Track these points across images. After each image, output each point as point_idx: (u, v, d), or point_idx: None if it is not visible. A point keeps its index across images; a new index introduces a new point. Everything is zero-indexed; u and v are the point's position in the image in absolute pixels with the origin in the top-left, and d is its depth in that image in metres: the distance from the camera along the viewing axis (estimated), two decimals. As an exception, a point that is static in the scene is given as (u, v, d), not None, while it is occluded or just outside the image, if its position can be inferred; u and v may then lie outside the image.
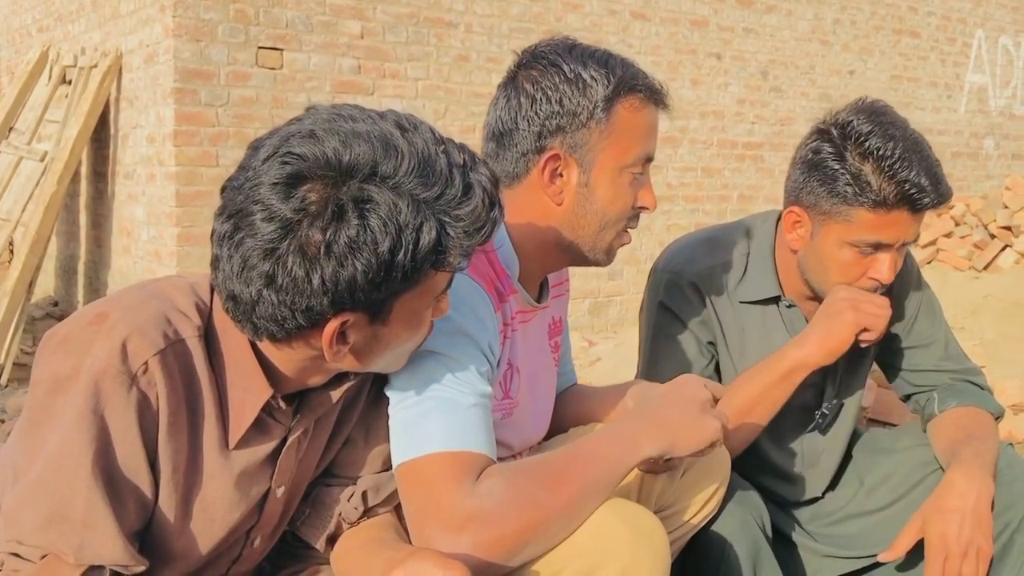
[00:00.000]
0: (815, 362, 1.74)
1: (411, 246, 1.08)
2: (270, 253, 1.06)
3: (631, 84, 1.46)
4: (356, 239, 1.05)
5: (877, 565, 1.88)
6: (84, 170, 5.83)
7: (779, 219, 1.88)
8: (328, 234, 1.05)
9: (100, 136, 5.51)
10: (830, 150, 1.72)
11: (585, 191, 1.48)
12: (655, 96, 1.50)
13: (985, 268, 6.76)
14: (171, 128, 4.53)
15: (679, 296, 1.86)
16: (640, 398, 1.51)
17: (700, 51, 6.35)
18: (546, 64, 1.46)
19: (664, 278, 1.88)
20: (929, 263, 7.09)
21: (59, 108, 5.51)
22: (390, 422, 1.33)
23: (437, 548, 1.19)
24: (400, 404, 1.31)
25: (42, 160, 5.36)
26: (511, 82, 1.49)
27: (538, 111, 1.45)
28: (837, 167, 1.70)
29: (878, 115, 1.74)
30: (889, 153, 1.67)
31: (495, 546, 1.21)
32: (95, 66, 5.30)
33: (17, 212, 5.36)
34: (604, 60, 1.47)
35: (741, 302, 1.88)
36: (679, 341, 1.86)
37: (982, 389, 1.94)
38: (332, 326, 1.12)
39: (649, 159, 1.52)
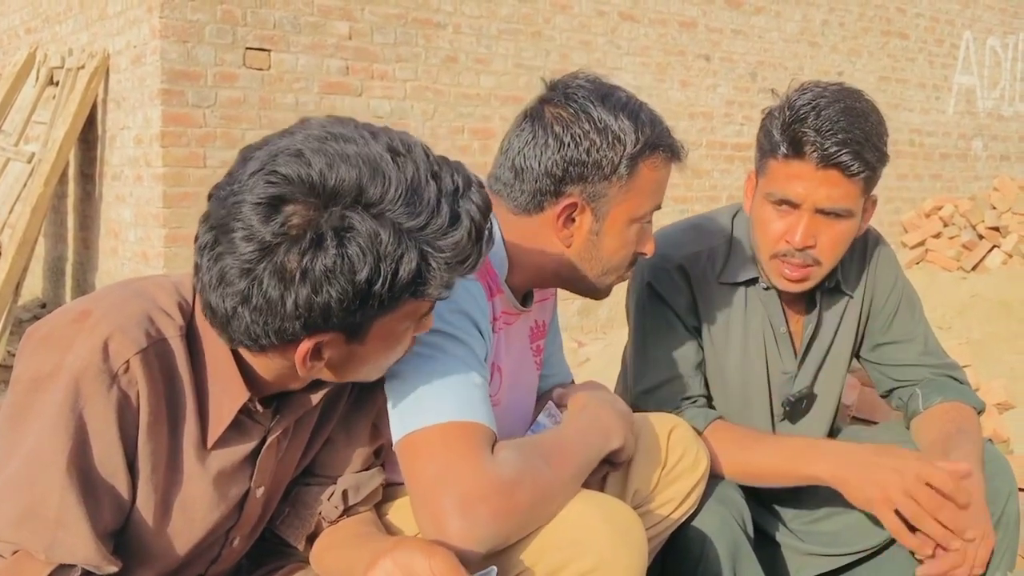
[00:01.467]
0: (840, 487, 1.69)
1: (389, 276, 1.07)
2: (246, 273, 1.05)
3: (656, 143, 1.48)
4: (332, 267, 1.04)
5: (859, 562, 1.89)
6: (71, 171, 5.82)
7: None
8: (305, 260, 1.04)
9: (87, 137, 5.50)
10: (773, 111, 1.77)
11: (595, 239, 1.51)
12: (675, 155, 1.53)
13: (973, 268, 6.79)
14: (158, 129, 4.52)
15: (666, 279, 1.87)
16: (596, 395, 1.55)
17: (689, 52, 6.36)
18: (577, 108, 1.46)
19: (650, 262, 1.88)
20: (918, 263, 7.13)
21: (46, 109, 5.50)
22: (390, 394, 1.33)
23: (452, 517, 1.20)
24: (402, 377, 1.31)
25: (29, 161, 5.35)
26: (538, 118, 1.49)
27: (564, 156, 1.45)
28: (767, 122, 1.76)
29: (832, 86, 1.76)
30: (801, 104, 1.69)
31: (509, 517, 1.23)
32: (82, 67, 5.29)
33: (4, 213, 5.35)
34: (635, 114, 1.47)
35: (725, 283, 1.89)
36: (668, 324, 1.87)
37: (962, 384, 1.95)
38: (305, 346, 1.12)
39: (658, 208, 1.56)
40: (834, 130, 1.65)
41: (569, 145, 1.45)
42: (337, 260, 1.04)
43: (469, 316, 1.36)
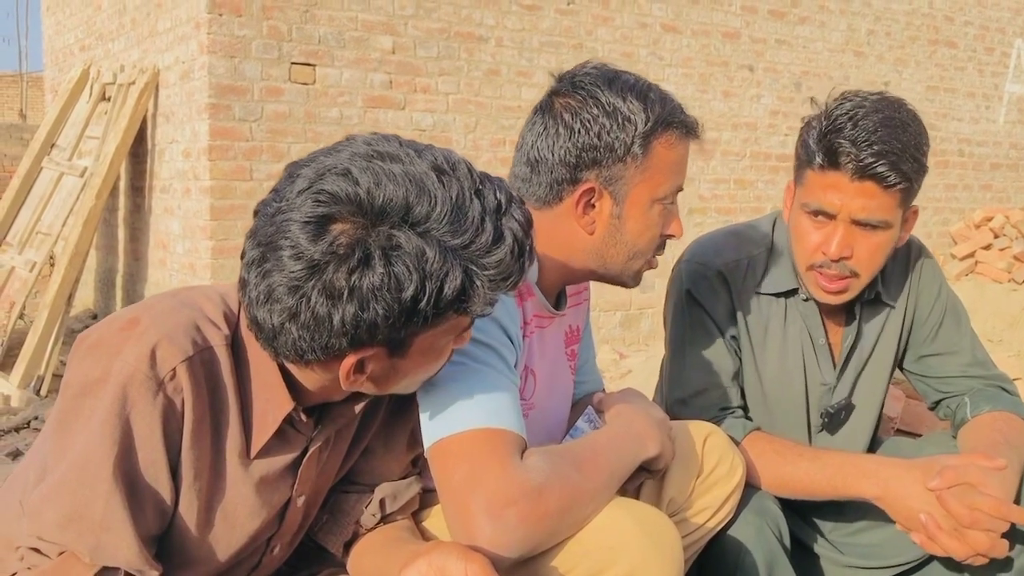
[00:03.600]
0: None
1: (434, 294, 1.09)
2: (295, 290, 1.07)
3: (668, 121, 1.48)
4: (380, 285, 1.06)
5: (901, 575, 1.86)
6: (122, 185, 5.94)
7: None
8: (353, 279, 1.06)
9: (138, 151, 5.61)
10: (811, 120, 1.76)
11: (617, 223, 1.50)
12: (690, 132, 1.52)
13: (1025, 280, 6.66)
14: (206, 143, 4.61)
15: (705, 286, 1.86)
16: (632, 401, 1.54)
17: (732, 63, 6.33)
18: (584, 95, 1.47)
19: (690, 268, 1.88)
20: (967, 275, 7.00)
21: (99, 124, 5.62)
22: (421, 401, 1.34)
23: (482, 523, 1.21)
24: (433, 383, 1.32)
25: (82, 175, 5.47)
26: (548, 110, 1.50)
27: (576, 143, 1.46)
28: (804, 132, 1.75)
29: (872, 95, 1.74)
30: (839, 114, 1.68)
31: (539, 522, 1.23)
32: (133, 83, 5.41)
33: (58, 226, 5.47)
34: (643, 94, 1.47)
35: (763, 294, 1.88)
36: (706, 331, 1.86)
37: (1012, 395, 1.91)
38: (350, 360, 1.14)
39: (679, 190, 1.54)
40: (871, 141, 1.63)
41: (580, 131, 1.45)
42: (384, 278, 1.06)
43: (498, 323, 1.37)
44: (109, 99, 5.66)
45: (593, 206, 1.49)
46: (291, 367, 1.21)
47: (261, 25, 4.64)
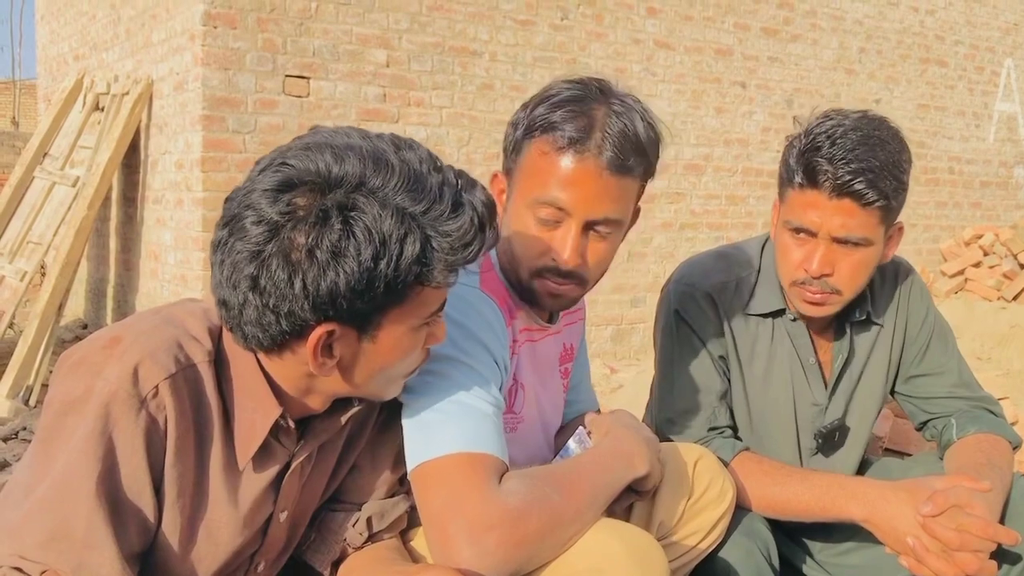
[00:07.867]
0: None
1: (394, 256, 1.10)
2: (255, 256, 1.09)
3: (544, 127, 1.44)
4: (338, 245, 1.07)
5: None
6: (115, 195, 5.93)
7: None
8: (311, 238, 1.07)
9: (130, 162, 5.60)
10: (792, 140, 1.78)
11: (506, 217, 1.52)
12: (572, 143, 1.42)
13: (1014, 299, 6.68)
14: (199, 154, 4.61)
15: (694, 307, 1.87)
16: (622, 421, 1.54)
17: (724, 80, 6.36)
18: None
19: (678, 290, 1.89)
20: (957, 293, 7.03)
21: (92, 134, 5.61)
22: (405, 423, 1.34)
23: (461, 547, 1.21)
24: (417, 406, 1.33)
25: (74, 185, 5.46)
26: None
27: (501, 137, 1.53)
28: (786, 151, 1.77)
29: (853, 114, 1.75)
30: (818, 133, 1.70)
31: (518, 546, 1.22)
32: (127, 93, 5.41)
33: (49, 236, 5.45)
34: (529, 102, 1.50)
35: (751, 314, 1.89)
36: (694, 351, 1.87)
37: (998, 417, 1.92)
38: (316, 334, 1.13)
39: (557, 207, 1.43)
40: (848, 159, 1.65)
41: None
42: (342, 238, 1.07)
43: (483, 343, 1.38)
44: (102, 109, 5.65)
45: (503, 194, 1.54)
46: (268, 365, 1.21)
47: (256, 37, 4.65)
